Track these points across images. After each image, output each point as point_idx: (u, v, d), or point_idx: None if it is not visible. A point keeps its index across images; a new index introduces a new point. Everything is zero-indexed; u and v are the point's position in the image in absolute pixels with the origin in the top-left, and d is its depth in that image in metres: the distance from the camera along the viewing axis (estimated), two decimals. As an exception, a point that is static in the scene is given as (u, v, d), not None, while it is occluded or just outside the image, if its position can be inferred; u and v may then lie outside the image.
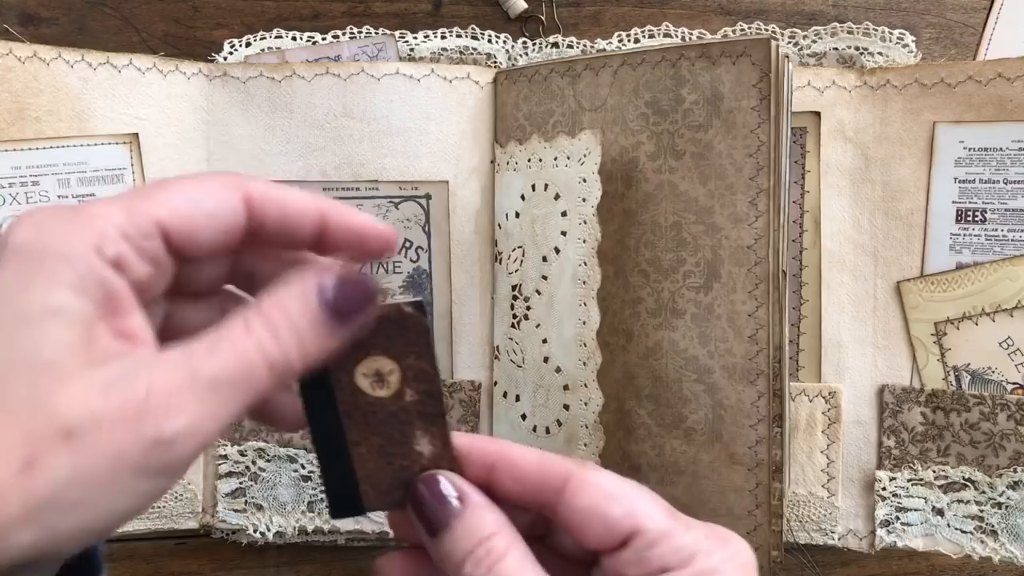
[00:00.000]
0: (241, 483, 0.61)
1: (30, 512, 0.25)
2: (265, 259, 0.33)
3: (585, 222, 0.55)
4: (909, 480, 0.58)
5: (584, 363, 0.55)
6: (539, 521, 0.35)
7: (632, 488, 0.33)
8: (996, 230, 0.56)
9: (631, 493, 0.33)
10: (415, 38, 0.63)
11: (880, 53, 0.61)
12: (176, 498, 0.61)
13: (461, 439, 0.34)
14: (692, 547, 0.31)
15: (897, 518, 0.58)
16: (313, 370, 0.32)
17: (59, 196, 0.57)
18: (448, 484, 0.33)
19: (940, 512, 0.58)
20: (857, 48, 0.61)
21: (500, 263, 0.61)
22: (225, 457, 0.61)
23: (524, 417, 0.59)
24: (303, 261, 0.33)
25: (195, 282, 0.33)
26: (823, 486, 0.59)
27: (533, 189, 0.58)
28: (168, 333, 0.32)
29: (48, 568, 0.29)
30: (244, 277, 0.34)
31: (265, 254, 0.33)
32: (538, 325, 0.58)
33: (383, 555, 0.36)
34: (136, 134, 0.59)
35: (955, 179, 0.57)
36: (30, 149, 0.57)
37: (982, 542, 0.57)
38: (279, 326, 0.29)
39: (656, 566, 0.31)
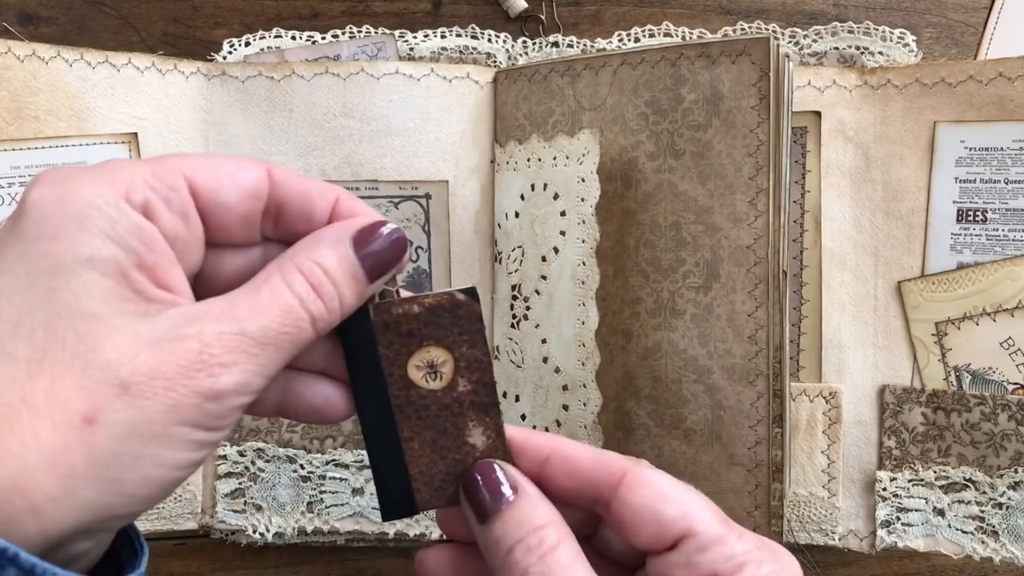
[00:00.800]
0: (240, 483, 0.61)
1: (95, 467, 0.25)
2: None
3: (584, 222, 0.55)
4: (910, 480, 0.58)
5: (583, 363, 0.55)
6: (586, 521, 0.35)
7: (687, 491, 0.33)
8: (997, 230, 0.56)
9: (686, 496, 0.32)
10: (415, 37, 0.63)
11: (881, 53, 0.61)
12: (175, 499, 0.61)
13: (515, 431, 0.34)
14: (743, 556, 0.31)
15: (898, 518, 0.58)
16: (366, 365, 0.32)
17: (58, 196, 0.57)
18: (502, 472, 0.33)
19: (941, 512, 0.57)
20: (858, 48, 0.61)
21: (500, 263, 0.61)
22: (224, 457, 0.61)
23: (524, 417, 0.59)
24: None
25: (228, 269, 0.33)
26: (824, 486, 0.59)
27: (532, 189, 0.58)
28: None
29: (104, 538, 0.28)
30: None
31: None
32: (537, 325, 0.58)
33: (425, 547, 0.36)
34: (135, 133, 0.59)
35: (956, 179, 0.56)
36: (29, 148, 0.57)
37: (983, 543, 0.57)
38: (320, 281, 0.30)
39: (705, 571, 0.31)
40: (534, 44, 0.64)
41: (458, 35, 0.64)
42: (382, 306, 0.32)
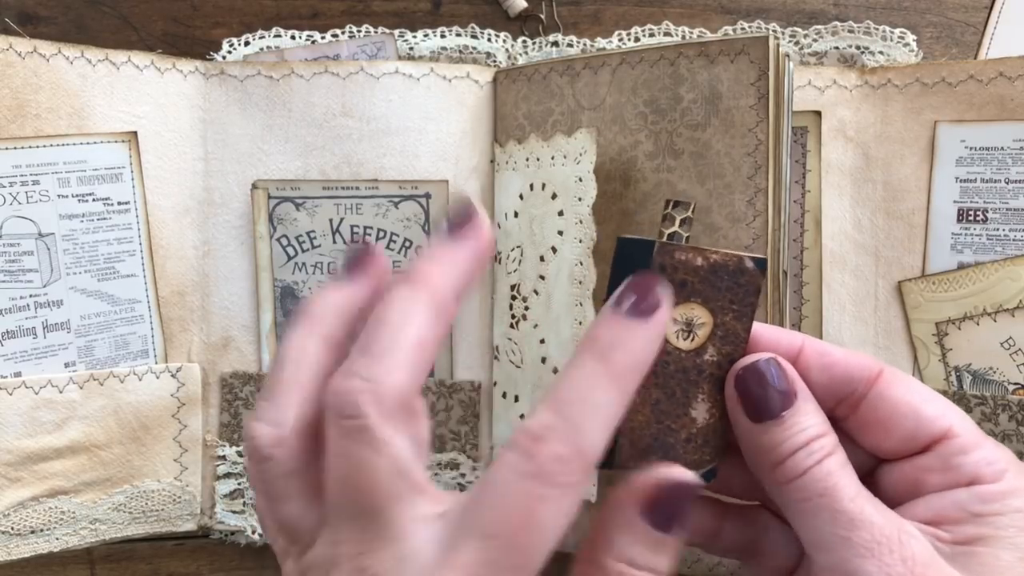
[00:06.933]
0: (240, 484, 0.61)
1: None
2: None
3: (581, 221, 0.54)
4: (910, 482, 0.57)
5: (582, 363, 0.55)
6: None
7: (942, 396, 0.32)
8: (998, 230, 0.56)
9: (943, 399, 0.31)
10: (414, 37, 0.63)
11: (881, 52, 0.60)
12: (174, 500, 0.61)
13: (762, 327, 0.32)
14: (1005, 463, 0.30)
15: (898, 520, 0.58)
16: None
17: (59, 195, 0.57)
18: (784, 373, 0.31)
19: (941, 514, 0.57)
20: (858, 47, 0.61)
21: (499, 263, 0.61)
22: (223, 458, 0.61)
23: (523, 417, 0.59)
24: None
25: None
26: (823, 488, 0.59)
27: (531, 188, 0.58)
28: None
29: None
30: None
31: None
32: (536, 325, 0.58)
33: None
34: (135, 132, 0.59)
35: (956, 178, 0.56)
36: (30, 147, 0.57)
37: (984, 544, 0.56)
38: (626, 572, 0.28)
39: (966, 474, 0.29)
40: (534, 44, 0.64)
41: (458, 35, 0.64)
42: (667, 247, 0.30)
